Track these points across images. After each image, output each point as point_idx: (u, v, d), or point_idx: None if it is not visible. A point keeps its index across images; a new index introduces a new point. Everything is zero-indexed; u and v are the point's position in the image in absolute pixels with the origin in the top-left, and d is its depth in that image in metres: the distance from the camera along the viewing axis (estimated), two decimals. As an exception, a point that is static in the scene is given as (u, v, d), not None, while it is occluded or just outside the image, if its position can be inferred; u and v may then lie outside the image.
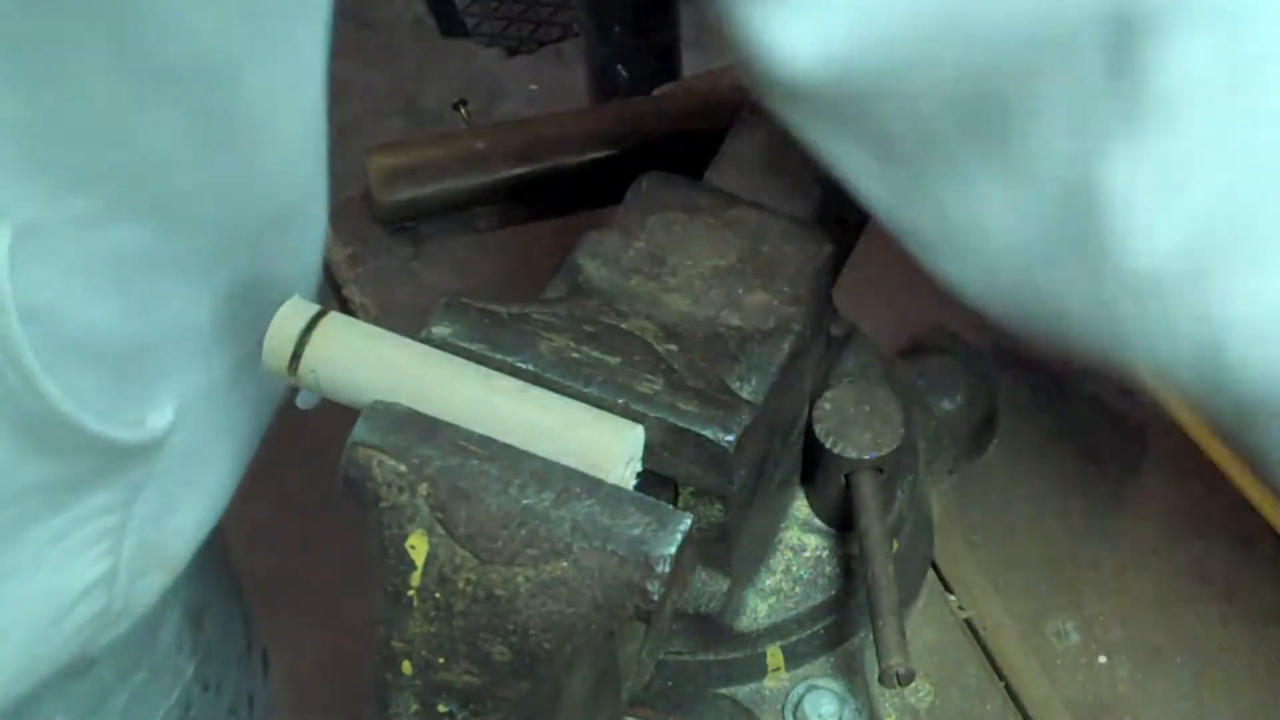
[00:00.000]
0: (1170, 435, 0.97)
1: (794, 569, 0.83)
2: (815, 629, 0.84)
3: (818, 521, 0.84)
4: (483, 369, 0.69)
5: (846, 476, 0.81)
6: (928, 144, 0.67)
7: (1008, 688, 0.89)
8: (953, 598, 0.92)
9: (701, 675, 0.84)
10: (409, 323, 1.02)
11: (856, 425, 0.80)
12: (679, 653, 0.82)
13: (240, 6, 0.64)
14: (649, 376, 0.70)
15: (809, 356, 0.80)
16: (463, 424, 0.67)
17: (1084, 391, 0.99)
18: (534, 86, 2.35)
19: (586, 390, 0.69)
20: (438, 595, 0.65)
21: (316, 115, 0.75)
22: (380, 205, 1.05)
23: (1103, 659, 0.90)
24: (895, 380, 0.89)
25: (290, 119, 0.73)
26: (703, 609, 0.80)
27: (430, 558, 0.65)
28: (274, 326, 0.69)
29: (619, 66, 1.79)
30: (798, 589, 0.83)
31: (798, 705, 0.84)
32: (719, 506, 0.74)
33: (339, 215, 1.07)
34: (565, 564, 0.64)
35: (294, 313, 0.69)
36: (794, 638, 0.84)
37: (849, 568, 0.83)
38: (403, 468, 0.65)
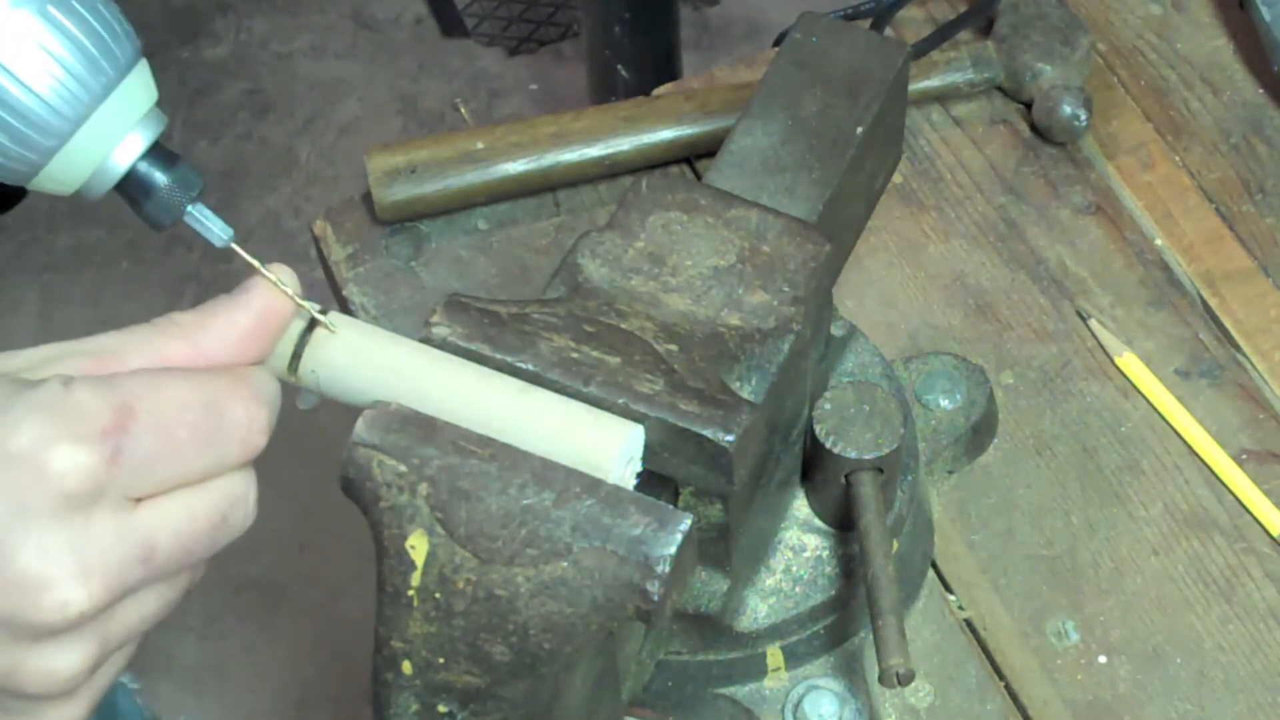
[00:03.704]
0: (1169, 436, 0.97)
1: (794, 569, 0.83)
2: (815, 629, 0.84)
3: (818, 521, 0.84)
4: (483, 369, 0.69)
5: (846, 476, 0.81)
6: None
7: (1008, 688, 0.89)
8: (953, 598, 0.92)
9: (701, 675, 0.84)
10: (409, 323, 1.03)
11: (856, 425, 0.80)
12: (679, 653, 0.82)
13: None
14: (649, 376, 0.70)
15: (809, 356, 0.79)
16: (463, 424, 0.66)
17: (1084, 391, 0.99)
18: (534, 86, 2.35)
19: (586, 390, 0.69)
20: (438, 595, 0.65)
21: None
22: (380, 205, 1.05)
23: (1103, 659, 0.90)
24: (895, 380, 0.89)
25: None
26: (703, 609, 0.80)
27: (430, 558, 0.65)
28: (274, 327, 0.69)
29: (619, 66, 1.78)
30: (798, 589, 0.83)
31: (798, 705, 0.84)
32: (719, 506, 0.74)
33: (339, 215, 1.08)
34: (565, 564, 0.64)
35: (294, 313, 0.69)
36: (794, 638, 0.84)
37: (849, 568, 0.83)
38: (403, 468, 0.65)
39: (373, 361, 0.68)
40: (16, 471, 0.58)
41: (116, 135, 0.65)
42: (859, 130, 0.84)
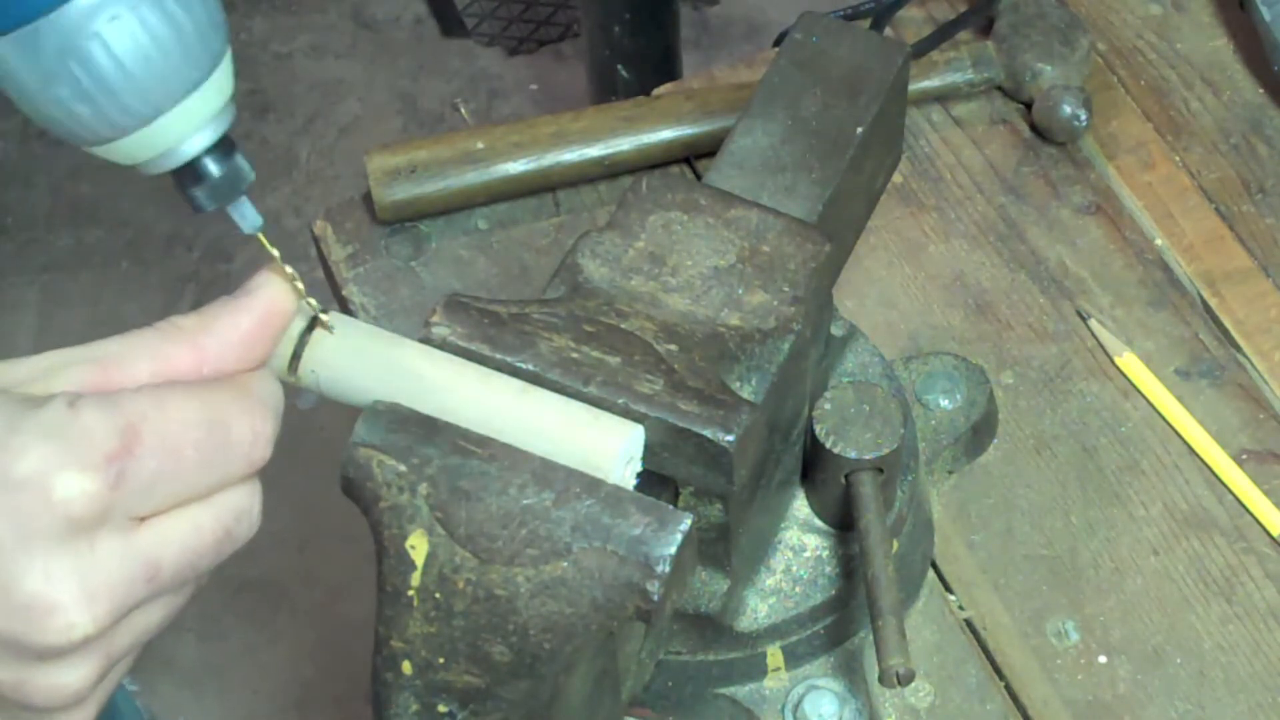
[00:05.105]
0: (1169, 436, 0.97)
1: (794, 569, 0.83)
2: (815, 629, 0.84)
3: (818, 521, 0.84)
4: (483, 369, 0.69)
5: (846, 476, 0.81)
6: None
7: (1008, 688, 0.89)
8: (953, 598, 0.92)
9: (701, 675, 0.84)
10: (409, 323, 1.03)
11: (856, 425, 0.80)
12: (679, 653, 0.82)
13: None
14: (649, 376, 0.70)
15: (809, 356, 0.79)
16: (463, 424, 0.67)
17: (1084, 391, 0.99)
18: (534, 86, 2.35)
19: (586, 390, 0.69)
20: (438, 595, 0.65)
21: None
22: (380, 205, 1.05)
23: (1103, 659, 0.90)
24: (895, 380, 0.89)
25: None
26: (703, 609, 0.80)
27: (430, 558, 0.65)
28: (274, 327, 0.69)
29: (619, 66, 1.78)
30: (798, 589, 0.83)
31: (798, 705, 0.84)
32: (719, 506, 0.74)
33: (339, 215, 1.08)
34: (565, 564, 0.64)
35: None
36: (794, 638, 0.83)
37: (849, 568, 0.83)
38: (403, 468, 0.65)
39: (373, 361, 0.68)
40: (21, 497, 0.58)
41: (194, 126, 0.66)
42: (859, 130, 0.84)
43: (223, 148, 0.67)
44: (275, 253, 0.67)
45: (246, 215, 0.68)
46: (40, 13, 0.61)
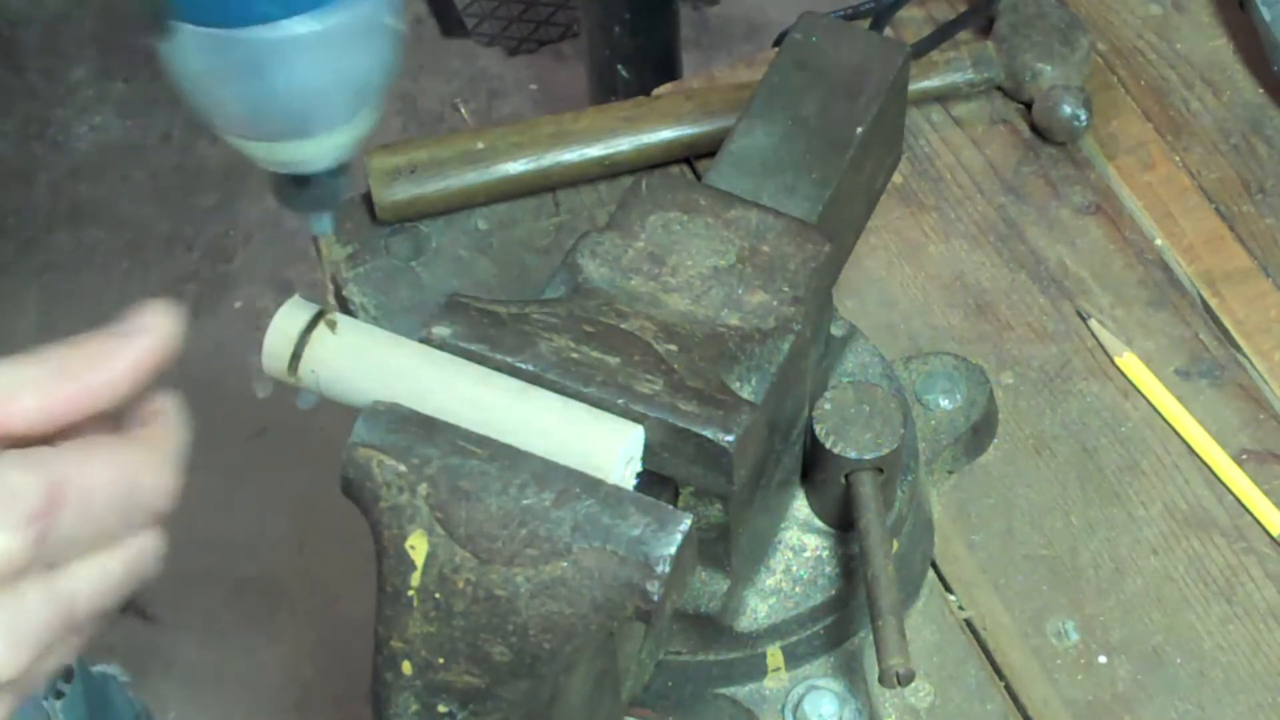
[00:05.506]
0: (1169, 436, 0.97)
1: (794, 569, 0.83)
2: (815, 629, 0.84)
3: (818, 521, 0.84)
4: (483, 369, 0.69)
5: (846, 476, 0.81)
6: None
7: (1008, 688, 0.89)
8: (953, 598, 0.92)
9: (701, 675, 0.84)
10: (409, 323, 1.03)
11: (856, 425, 0.80)
12: (679, 653, 0.82)
13: None
14: (649, 376, 0.70)
15: (809, 356, 0.80)
16: (463, 424, 0.67)
17: (1084, 391, 0.99)
18: (534, 86, 2.35)
19: (586, 390, 0.69)
20: (438, 595, 0.65)
21: None
22: (380, 205, 1.05)
23: (1103, 659, 0.90)
24: (895, 380, 0.89)
25: None
26: (703, 609, 0.80)
27: (430, 558, 0.65)
28: (274, 327, 0.69)
29: (619, 66, 1.78)
30: (798, 589, 0.83)
31: (798, 705, 0.84)
32: (719, 506, 0.74)
33: (339, 215, 1.07)
34: (565, 564, 0.64)
35: (294, 313, 0.69)
36: (794, 638, 0.84)
37: (849, 568, 0.83)
38: (403, 468, 0.65)
39: (373, 361, 0.68)
40: None
41: (328, 153, 0.67)
42: (859, 130, 0.84)
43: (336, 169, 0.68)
44: (330, 255, 0.69)
45: (324, 221, 0.70)
46: (241, 23, 0.62)
